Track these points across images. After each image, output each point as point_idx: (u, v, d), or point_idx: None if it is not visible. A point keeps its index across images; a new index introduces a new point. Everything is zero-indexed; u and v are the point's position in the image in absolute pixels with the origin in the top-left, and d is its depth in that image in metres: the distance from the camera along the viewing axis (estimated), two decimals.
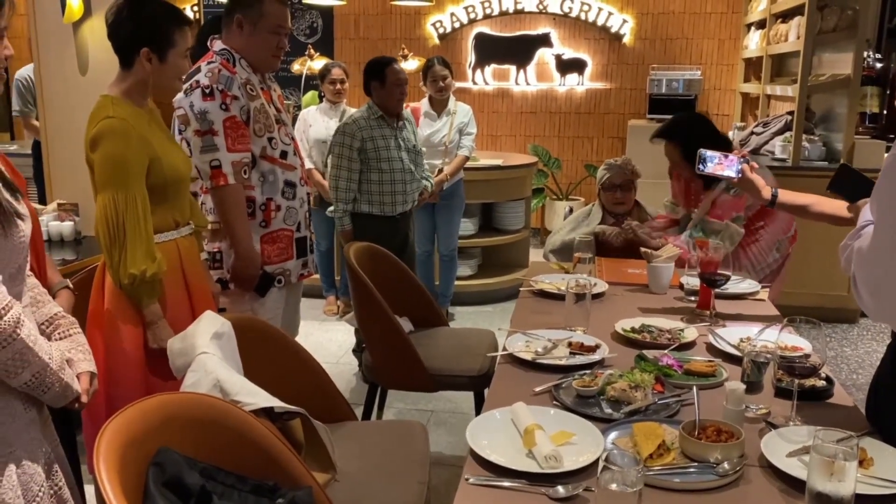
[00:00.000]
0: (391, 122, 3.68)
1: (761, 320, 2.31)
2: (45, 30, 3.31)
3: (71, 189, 3.43)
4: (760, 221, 3.14)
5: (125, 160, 2.08)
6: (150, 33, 2.13)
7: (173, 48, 2.17)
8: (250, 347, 2.05)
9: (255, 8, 2.56)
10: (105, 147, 2.07)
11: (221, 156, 2.47)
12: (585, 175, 7.02)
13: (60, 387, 1.46)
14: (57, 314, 1.63)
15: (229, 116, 2.48)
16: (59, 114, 3.39)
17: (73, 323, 1.65)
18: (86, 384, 1.55)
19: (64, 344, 1.59)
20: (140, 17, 2.14)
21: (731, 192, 3.01)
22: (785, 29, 5.37)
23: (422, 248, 4.63)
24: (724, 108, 6.92)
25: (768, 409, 1.71)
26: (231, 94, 2.48)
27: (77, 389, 1.52)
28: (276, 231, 2.67)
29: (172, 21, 2.18)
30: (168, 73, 2.20)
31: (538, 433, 1.51)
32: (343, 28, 7.27)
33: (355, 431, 2.24)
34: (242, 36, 2.58)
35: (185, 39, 2.20)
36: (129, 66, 2.17)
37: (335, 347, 4.39)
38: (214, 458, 1.50)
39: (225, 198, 2.50)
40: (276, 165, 2.63)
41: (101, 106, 2.13)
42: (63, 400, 1.50)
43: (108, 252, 2.10)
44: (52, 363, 1.43)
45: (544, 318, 2.39)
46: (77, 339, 1.63)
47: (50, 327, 1.61)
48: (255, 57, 2.60)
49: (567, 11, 6.90)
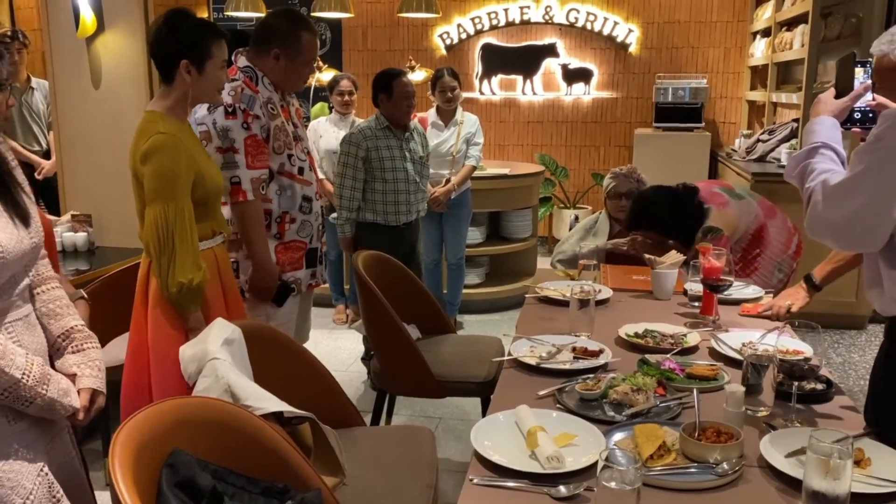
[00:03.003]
0: (398, 133, 3.73)
1: (764, 325, 2.34)
2: (59, 45, 3.39)
3: (84, 200, 3.49)
4: (756, 249, 3.16)
5: (176, 174, 2.16)
6: (189, 46, 2.22)
7: (211, 59, 2.25)
8: (260, 353, 2.10)
9: (294, 44, 2.67)
10: (157, 161, 2.15)
11: (241, 173, 2.54)
12: (593, 184, 7.05)
13: (43, 401, 1.44)
14: (74, 327, 1.63)
15: (250, 135, 2.55)
16: (72, 126, 3.46)
17: (90, 337, 1.65)
18: (85, 401, 1.54)
19: (75, 358, 1.59)
20: (178, 31, 2.23)
21: (707, 237, 2.98)
22: (790, 37, 5.40)
23: (430, 257, 4.67)
24: (731, 116, 6.95)
25: (769, 411, 1.74)
26: (253, 113, 2.56)
27: (72, 405, 1.50)
28: (290, 242, 2.75)
29: (209, 33, 2.27)
30: (207, 85, 2.28)
31: (541, 435, 1.54)
32: (351, 40, 7.35)
33: (363, 436, 2.28)
34: (278, 67, 2.68)
35: (221, 51, 2.28)
36: (170, 80, 2.25)
37: (345, 355, 4.43)
38: (226, 461, 1.53)
39: (244, 213, 2.58)
40: (294, 181, 2.71)
41: (151, 121, 2.21)
42: (51, 413, 1.48)
43: (158, 261, 2.18)
44: (26, 378, 1.40)
45: (549, 324, 2.43)
46: (90, 353, 1.62)
47: (66, 340, 1.60)
48: (288, 85, 2.72)
49: (573, 21, 6.95)
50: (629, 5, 6.88)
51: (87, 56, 3.36)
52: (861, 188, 1.54)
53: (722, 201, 3.12)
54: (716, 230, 3.00)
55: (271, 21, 2.76)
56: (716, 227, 3.01)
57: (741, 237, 3.12)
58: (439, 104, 4.59)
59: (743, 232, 3.12)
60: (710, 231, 3.00)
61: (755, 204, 3.21)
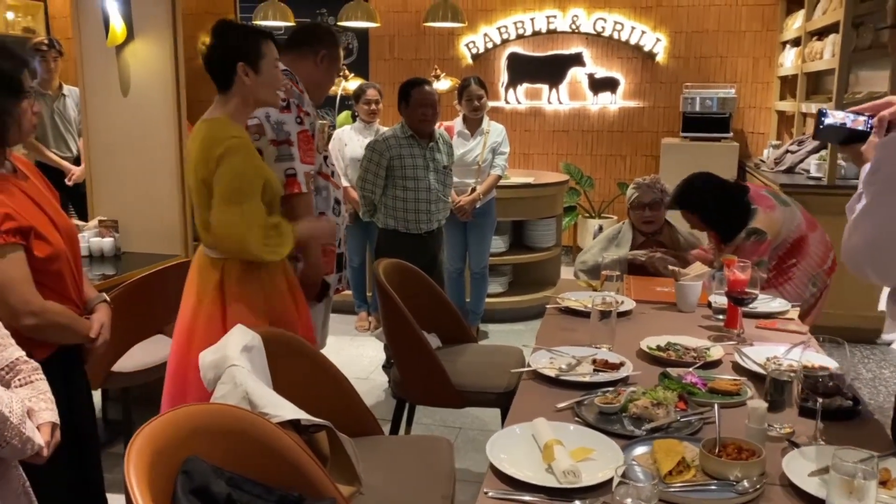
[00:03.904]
0: (422, 141, 3.74)
1: (790, 340, 2.29)
2: (89, 53, 3.44)
3: (112, 206, 3.54)
4: (792, 259, 3.11)
5: (252, 175, 2.23)
6: (240, 49, 2.27)
7: (264, 58, 2.29)
8: (280, 361, 2.10)
9: (336, 50, 2.80)
10: (235, 163, 2.20)
11: (297, 165, 2.56)
12: (618, 193, 7.00)
13: (20, 441, 1.36)
14: (18, 359, 1.53)
15: (302, 130, 2.60)
16: (101, 133, 3.51)
17: (36, 369, 1.55)
18: (47, 436, 1.46)
19: (24, 391, 1.49)
20: (227, 37, 2.29)
21: (751, 238, 2.98)
22: (820, 47, 5.32)
23: (453, 266, 4.67)
24: (759, 127, 6.87)
25: (793, 428, 1.70)
26: (304, 109, 2.62)
27: (39, 443, 1.42)
28: (325, 247, 2.77)
29: (256, 34, 2.32)
30: (266, 84, 2.32)
31: (557, 448, 1.52)
32: (378, 49, 7.38)
33: (381, 445, 2.27)
34: (319, 70, 2.75)
35: (271, 50, 2.32)
36: (228, 86, 2.29)
37: (366, 363, 4.44)
38: (241, 468, 1.53)
39: (298, 205, 2.58)
40: (329, 182, 2.76)
41: (220, 127, 2.25)
42: (21, 454, 1.40)
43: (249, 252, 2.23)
44: (12, 416, 1.33)
45: (570, 336, 2.40)
46: (39, 385, 1.53)
47: (10, 373, 1.51)
48: (320, 89, 2.78)
49: (600, 31, 6.92)
50: (657, 15, 6.84)
51: (116, 64, 3.41)
52: (867, 221, 1.54)
53: (769, 204, 3.10)
54: (760, 232, 2.98)
55: (313, 28, 2.88)
56: (760, 230, 2.98)
57: (780, 244, 3.08)
58: (466, 113, 4.59)
59: (783, 239, 3.09)
60: (755, 233, 2.98)
61: (799, 213, 3.17)
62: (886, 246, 1.50)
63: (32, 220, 1.76)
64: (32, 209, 1.79)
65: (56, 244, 1.81)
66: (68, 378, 1.93)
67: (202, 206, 2.30)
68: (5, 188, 1.74)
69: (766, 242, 2.98)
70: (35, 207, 1.80)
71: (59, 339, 1.87)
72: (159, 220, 3.51)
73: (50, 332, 1.82)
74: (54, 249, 1.81)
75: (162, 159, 3.44)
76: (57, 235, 1.83)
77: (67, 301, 1.89)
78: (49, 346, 1.85)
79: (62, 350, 1.89)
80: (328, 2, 7.09)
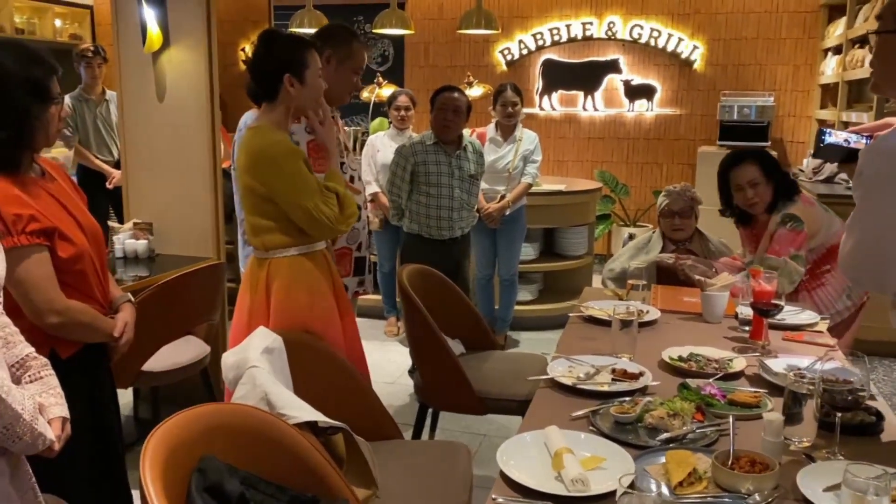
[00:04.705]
0: (448, 148, 3.75)
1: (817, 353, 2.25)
2: (127, 59, 3.53)
3: (147, 209, 3.62)
4: (826, 265, 3.05)
5: (307, 172, 2.32)
6: (287, 60, 2.33)
7: (308, 69, 2.36)
8: (301, 363, 2.13)
9: (345, 47, 2.79)
10: (290, 165, 2.28)
11: None
12: (653, 202, 6.92)
13: (31, 437, 1.38)
14: (28, 355, 1.54)
15: (312, 139, 2.62)
16: (137, 137, 3.59)
17: (45, 364, 1.56)
18: (58, 430, 1.48)
19: (34, 387, 1.51)
20: (274, 49, 2.35)
21: (787, 225, 2.95)
22: (862, 54, 5.21)
23: (482, 273, 4.67)
24: (799, 136, 6.75)
25: (811, 441, 1.67)
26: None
27: (50, 438, 1.43)
28: (339, 249, 2.83)
29: (302, 45, 2.38)
30: (310, 94, 2.39)
31: (567, 456, 1.52)
32: (413, 56, 7.44)
33: (400, 450, 2.28)
34: (328, 70, 2.75)
35: (315, 60, 2.39)
36: (273, 96, 2.35)
37: (393, 368, 4.46)
38: (257, 468, 1.56)
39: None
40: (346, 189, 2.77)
41: (267, 133, 2.32)
42: (33, 449, 1.42)
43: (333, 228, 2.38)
44: (24, 413, 1.35)
45: (591, 344, 2.39)
46: (49, 381, 1.54)
47: (20, 370, 1.53)
48: (334, 91, 2.77)
49: (636, 38, 6.88)
50: (694, 22, 6.77)
51: (152, 70, 3.49)
52: (856, 226, 1.56)
53: (810, 201, 3.12)
54: (796, 219, 2.97)
55: (324, 29, 2.93)
56: (796, 216, 2.97)
57: (816, 248, 3.03)
58: (499, 119, 4.57)
59: (819, 243, 3.04)
60: (791, 219, 2.97)
61: (838, 222, 3.12)
62: (874, 248, 1.51)
63: (57, 221, 1.81)
64: (58, 210, 1.85)
65: (80, 244, 1.87)
66: (93, 376, 1.98)
67: (248, 211, 2.38)
68: (33, 191, 1.80)
69: (803, 234, 2.94)
70: (60, 209, 1.86)
71: (84, 338, 1.92)
72: (192, 224, 3.57)
73: (74, 330, 1.87)
74: (78, 250, 1.86)
75: (196, 164, 3.51)
76: (81, 236, 1.88)
77: (91, 300, 1.94)
78: (74, 345, 1.90)
79: (87, 348, 1.94)
80: (364, 9, 7.18)
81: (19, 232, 1.73)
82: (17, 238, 1.72)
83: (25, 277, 1.74)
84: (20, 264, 1.73)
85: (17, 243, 1.72)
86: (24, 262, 1.74)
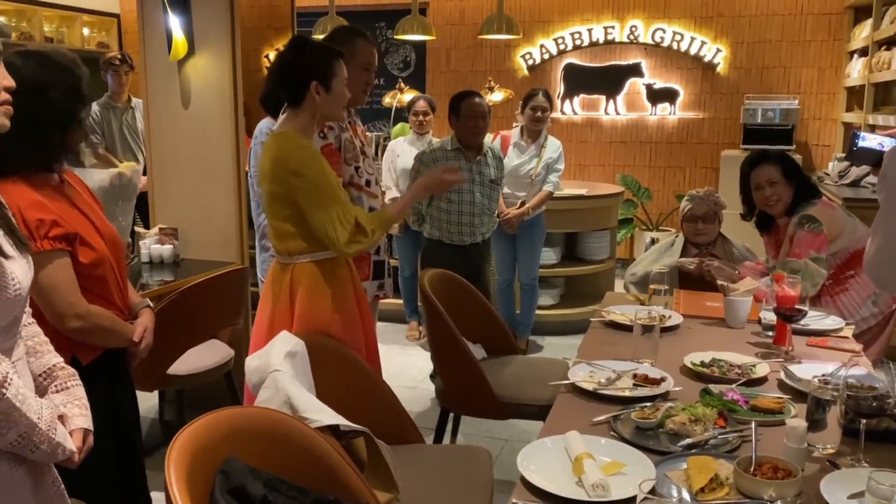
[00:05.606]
0: (469, 154, 3.76)
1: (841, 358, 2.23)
2: (153, 66, 3.59)
3: (172, 214, 3.67)
4: (850, 270, 3.01)
5: (333, 178, 2.36)
6: (315, 68, 2.35)
7: (336, 77, 2.38)
8: (323, 367, 2.15)
9: (348, 47, 2.78)
10: (313, 171, 2.30)
11: None
12: (676, 206, 6.88)
13: (49, 446, 1.36)
14: (56, 365, 1.54)
15: (326, 144, 2.67)
16: (163, 145, 3.64)
17: (73, 375, 1.55)
18: (79, 442, 1.47)
19: (60, 397, 1.50)
20: (304, 56, 2.38)
21: (805, 227, 2.92)
22: (888, 56, 5.15)
23: (502, 277, 4.67)
24: (824, 139, 6.67)
25: (835, 448, 1.66)
26: (327, 124, 2.67)
27: (70, 448, 1.42)
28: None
29: (331, 54, 2.40)
30: (334, 102, 2.41)
31: (587, 461, 1.52)
32: (434, 61, 7.46)
33: (421, 454, 2.29)
34: None
35: (342, 69, 2.41)
36: (299, 103, 2.37)
37: (415, 372, 4.47)
38: (279, 471, 1.57)
39: None
40: (361, 192, 2.79)
41: (291, 139, 2.34)
42: (52, 458, 1.41)
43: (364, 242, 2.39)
44: (40, 423, 1.34)
45: (612, 349, 2.39)
46: (75, 392, 1.53)
47: (47, 379, 1.52)
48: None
49: (658, 41, 6.85)
50: (717, 25, 6.73)
51: (178, 77, 3.54)
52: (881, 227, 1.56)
53: (831, 205, 3.10)
54: (815, 221, 2.95)
55: (326, 36, 2.95)
56: (815, 218, 2.95)
57: (839, 252, 3.00)
58: (526, 124, 4.55)
59: (842, 247, 3.00)
60: (809, 220, 2.95)
61: (861, 227, 3.08)
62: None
63: (78, 227, 1.85)
64: (78, 217, 1.88)
65: (100, 250, 1.90)
66: (113, 382, 2.01)
67: (272, 216, 2.40)
68: (55, 197, 1.84)
69: (822, 235, 2.91)
70: (80, 215, 1.89)
71: (104, 342, 1.95)
72: (217, 229, 3.61)
73: (95, 335, 1.90)
74: (98, 255, 1.89)
75: (220, 170, 3.55)
76: (101, 242, 1.92)
77: (111, 305, 1.96)
78: (95, 350, 1.93)
79: (107, 355, 1.97)
80: (386, 15, 7.22)
81: (42, 237, 1.76)
82: (41, 243, 1.75)
83: (48, 282, 1.77)
84: (43, 269, 1.76)
85: (40, 248, 1.74)
86: (47, 266, 1.77)
